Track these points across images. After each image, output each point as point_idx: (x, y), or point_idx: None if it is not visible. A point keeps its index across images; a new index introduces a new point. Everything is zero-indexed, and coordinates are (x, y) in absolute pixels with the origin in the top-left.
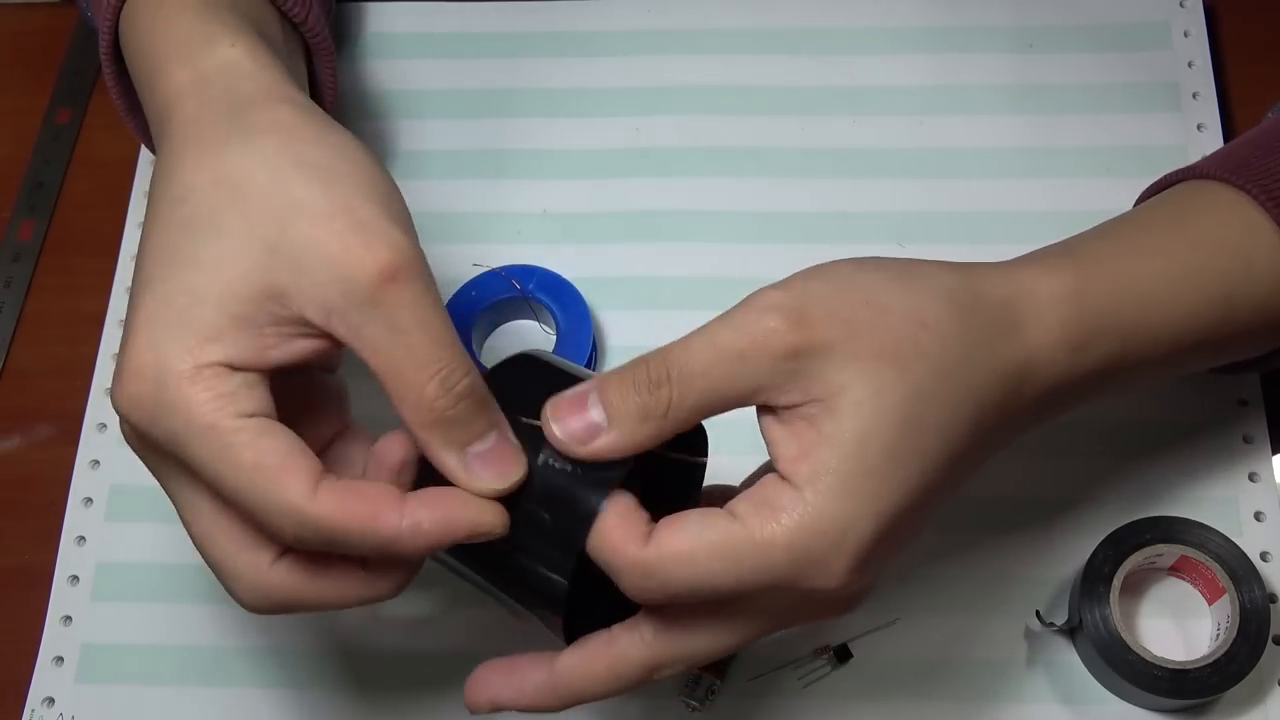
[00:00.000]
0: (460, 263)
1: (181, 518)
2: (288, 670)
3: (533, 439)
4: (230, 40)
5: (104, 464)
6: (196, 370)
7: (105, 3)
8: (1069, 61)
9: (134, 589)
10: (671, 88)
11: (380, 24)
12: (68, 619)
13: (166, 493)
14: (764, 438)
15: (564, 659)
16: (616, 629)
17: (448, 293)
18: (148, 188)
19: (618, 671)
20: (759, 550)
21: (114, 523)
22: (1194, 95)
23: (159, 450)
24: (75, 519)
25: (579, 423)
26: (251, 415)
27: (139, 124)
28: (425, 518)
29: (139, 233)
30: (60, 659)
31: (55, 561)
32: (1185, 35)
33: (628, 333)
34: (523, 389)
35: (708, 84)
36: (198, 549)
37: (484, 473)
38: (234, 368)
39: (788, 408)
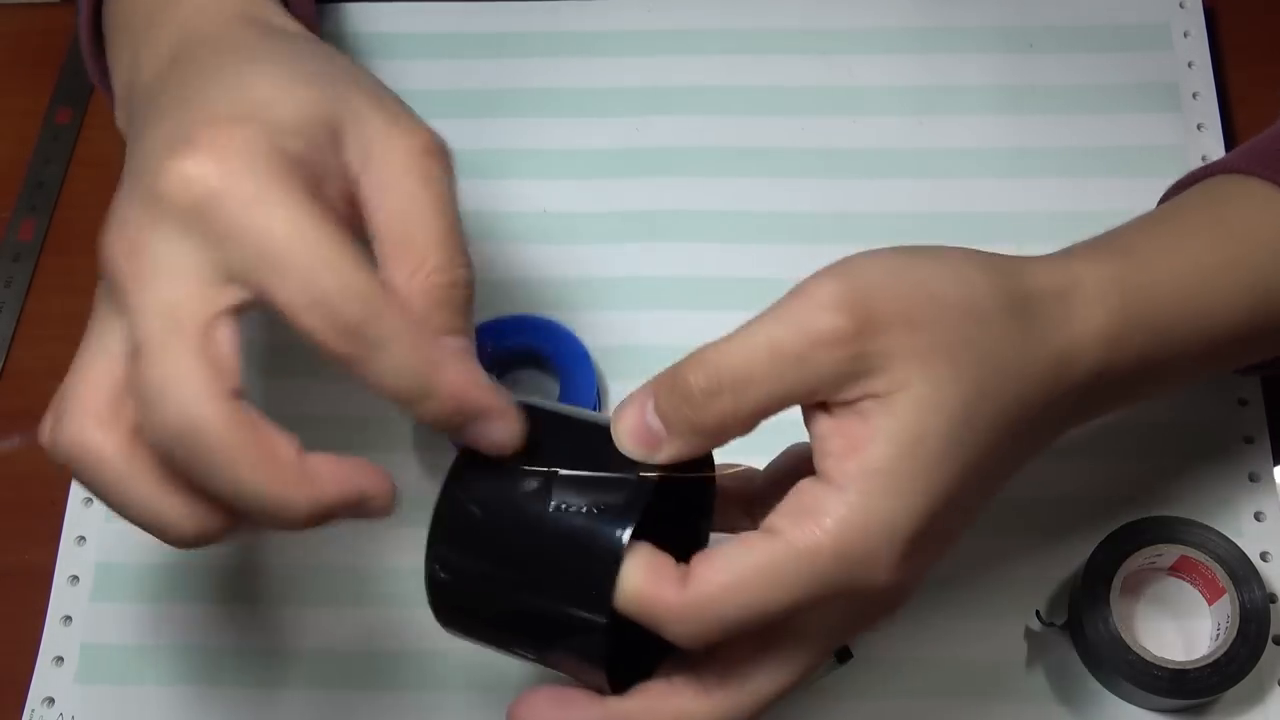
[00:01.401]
0: None
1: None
2: (287, 670)
3: (543, 487)
4: None
5: None
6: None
7: None
8: (1069, 61)
9: (134, 589)
10: (671, 88)
11: (380, 24)
12: (68, 619)
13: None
14: (809, 431)
15: (622, 704)
16: (678, 679)
17: None
18: None
19: None
20: (806, 561)
21: (114, 522)
22: (1194, 95)
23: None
24: (75, 519)
25: (644, 434)
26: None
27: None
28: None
29: None
30: (60, 659)
31: (55, 561)
32: (1185, 35)
33: (629, 333)
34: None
35: (708, 84)
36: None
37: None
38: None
39: (842, 403)
